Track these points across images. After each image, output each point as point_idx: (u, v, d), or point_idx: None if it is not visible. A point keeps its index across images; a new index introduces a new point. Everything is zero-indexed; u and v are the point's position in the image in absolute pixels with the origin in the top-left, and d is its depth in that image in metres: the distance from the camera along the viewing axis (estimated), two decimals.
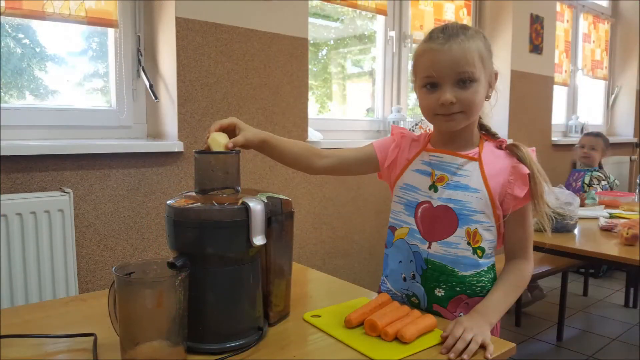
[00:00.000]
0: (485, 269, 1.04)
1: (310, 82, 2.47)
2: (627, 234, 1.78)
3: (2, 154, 1.54)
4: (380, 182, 1.22)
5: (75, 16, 1.80)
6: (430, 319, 0.92)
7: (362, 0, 2.67)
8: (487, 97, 1.05)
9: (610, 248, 1.77)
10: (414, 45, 2.91)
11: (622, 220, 2.01)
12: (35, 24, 1.80)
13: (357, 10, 2.77)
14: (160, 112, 2.00)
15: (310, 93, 2.38)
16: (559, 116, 4.23)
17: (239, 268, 0.85)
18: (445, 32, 0.99)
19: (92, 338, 0.87)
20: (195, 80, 1.94)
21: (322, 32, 2.75)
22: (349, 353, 0.84)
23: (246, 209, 0.83)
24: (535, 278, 2.62)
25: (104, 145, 1.74)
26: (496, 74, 1.05)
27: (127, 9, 1.93)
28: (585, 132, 3.67)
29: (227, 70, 2.03)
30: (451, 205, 1.02)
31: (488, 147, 1.06)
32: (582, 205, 2.42)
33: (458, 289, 1.03)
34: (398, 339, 0.86)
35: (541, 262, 2.52)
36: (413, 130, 2.18)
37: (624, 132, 4.88)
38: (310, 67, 2.36)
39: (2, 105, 1.70)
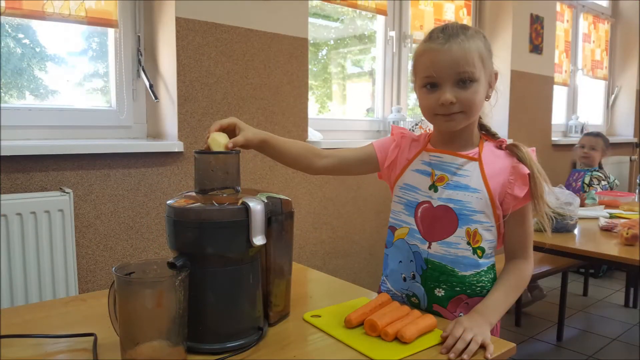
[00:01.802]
0: (485, 269, 1.04)
1: (310, 82, 2.47)
2: (627, 234, 1.78)
3: (2, 154, 1.54)
4: (380, 182, 1.22)
5: (75, 16, 1.80)
6: (430, 319, 0.92)
7: (362, 0, 2.67)
8: (487, 97, 1.05)
9: (610, 248, 1.77)
10: (414, 45, 2.91)
11: (622, 220, 2.01)
12: (35, 24, 1.80)
13: (357, 10, 2.77)
14: (160, 112, 2.00)
15: (310, 93, 2.38)
16: (559, 116, 4.23)
17: (239, 268, 0.85)
18: (445, 32, 0.99)
19: (92, 338, 0.87)
20: (195, 80, 1.94)
21: (322, 32, 2.75)
22: (349, 353, 0.84)
23: (246, 209, 0.83)
24: (535, 278, 2.62)
25: (104, 145, 1.74)
26: (496, 74, 1.05)
27: (127, 9, 1.93)
28: (585, 132, 3.67)
29: (227, 70, 2.03)
30: (451, 205, 1.02)
31: (488, 147, 1.06)
32: (582, 205, 2.42)
33: (458, 289, 1.03)
34: (398, 339, 0.86)
35: (541, 262, 2.52)
36: (413, 130, 2.18)
37: (624, 132, 4.88)
38: (310, 67, 2.36)
39: (2, 105, 1.70)
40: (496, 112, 3.42)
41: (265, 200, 0.88)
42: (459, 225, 1.01)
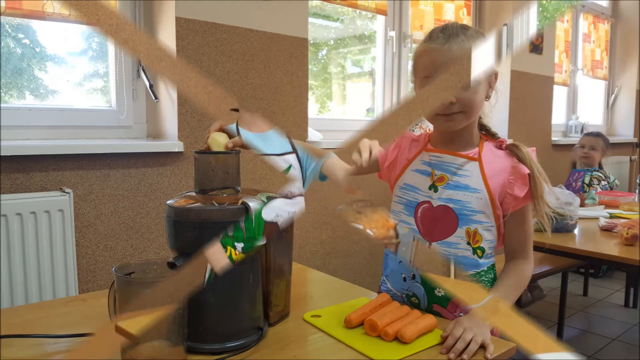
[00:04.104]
0: (485, 269, 1.04)
1: (310, 82, 2.47)
2: (627, 234, 1.78)
3: (2, 154, 1.54)
4: (380, 182, 1.22)
5: (75, 16, 1.80)
6: (430, 319, 0.92)
7: (362, 0, 2.67)
8: (487, 97, 1.05)
9: (610, 248, 1.77)
10: (414, 45, 2.91)
11: (622, 220, 2.01)
12: (35, 24, 1.80)
13: (357, 10, 2.77)
14: (160, 112, 2.00)
15: (310, 93, 2.38)
16: (559, 116, 4.23)
17: (239, 268, 0.85)
18: (445, 32, 0.99)
19: None
20: None
21: (322, 32, 2.75)
22: (349, 353, 0.84)
23: (246, 209, 0.83)
24: (535, 278, 2.61)
25: (104, 145, 1.74)
26: (496, 74, 1.05)
27: (127, 9, 1.93)
28: (585, 132, 3.67)
29: (227, 70, 2.03)
30: (451, 205, 1.02)
31: (488, 147, 1.06)
32: (582, 205, 2.42)
33: None
34: (398, 339, 0.86)
35: (541, 262, 2.52)
36: (413, 130, 2.18)
37: (624, 132, 4.88)
38: (310, 67, 2.36)
39: (2, 105, 1.70)
40: (496, 112, 3.42)
41: (265, 200, 0.88)
42: (459, 225, 1.01)
